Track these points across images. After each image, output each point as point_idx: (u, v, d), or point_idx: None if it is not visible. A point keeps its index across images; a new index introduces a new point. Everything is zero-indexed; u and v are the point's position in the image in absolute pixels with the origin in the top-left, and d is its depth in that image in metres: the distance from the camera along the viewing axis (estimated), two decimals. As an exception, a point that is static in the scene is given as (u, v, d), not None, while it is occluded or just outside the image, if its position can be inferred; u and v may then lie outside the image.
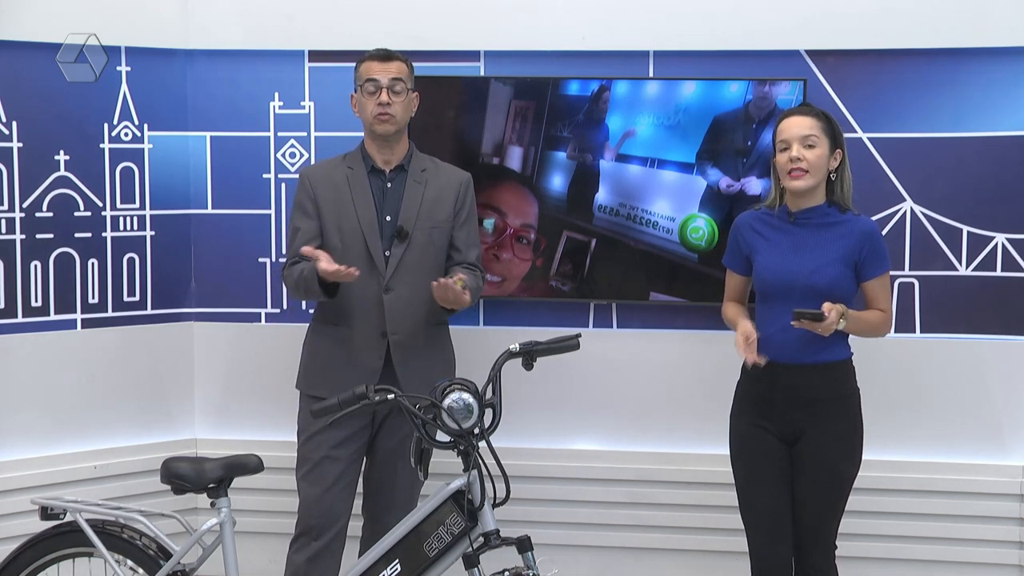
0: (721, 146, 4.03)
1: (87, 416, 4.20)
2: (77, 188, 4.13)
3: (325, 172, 3.67)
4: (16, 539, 3.50)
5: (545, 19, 4.18)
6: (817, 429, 3.31)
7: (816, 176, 3.31)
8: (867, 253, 3.31)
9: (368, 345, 3.57)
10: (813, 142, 3.30)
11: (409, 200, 3.60)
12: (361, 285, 3.51)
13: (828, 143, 3.32)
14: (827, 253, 3.31)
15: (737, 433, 3.46)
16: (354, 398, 2.88)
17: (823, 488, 3.33)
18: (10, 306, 4.04)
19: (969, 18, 3.99)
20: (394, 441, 3.60)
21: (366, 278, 3.51)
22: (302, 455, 3.62)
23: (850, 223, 3.34)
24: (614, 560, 4.25)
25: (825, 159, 3.32)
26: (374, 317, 3.57)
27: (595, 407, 4.26)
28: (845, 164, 3.37)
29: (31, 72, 4.02)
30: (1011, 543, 4.06)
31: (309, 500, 3.57)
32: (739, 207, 3.87)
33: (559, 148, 4.12)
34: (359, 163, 3.64)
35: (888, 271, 3.39)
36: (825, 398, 3.32)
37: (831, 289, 3.28)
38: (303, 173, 3.70)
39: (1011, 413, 4.09)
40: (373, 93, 3.56)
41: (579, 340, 3.15)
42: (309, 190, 3.63)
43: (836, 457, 3.32)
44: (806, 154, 3.29)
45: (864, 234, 3.32)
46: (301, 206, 3.64)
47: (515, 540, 2.88)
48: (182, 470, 3.19)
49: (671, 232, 4.09)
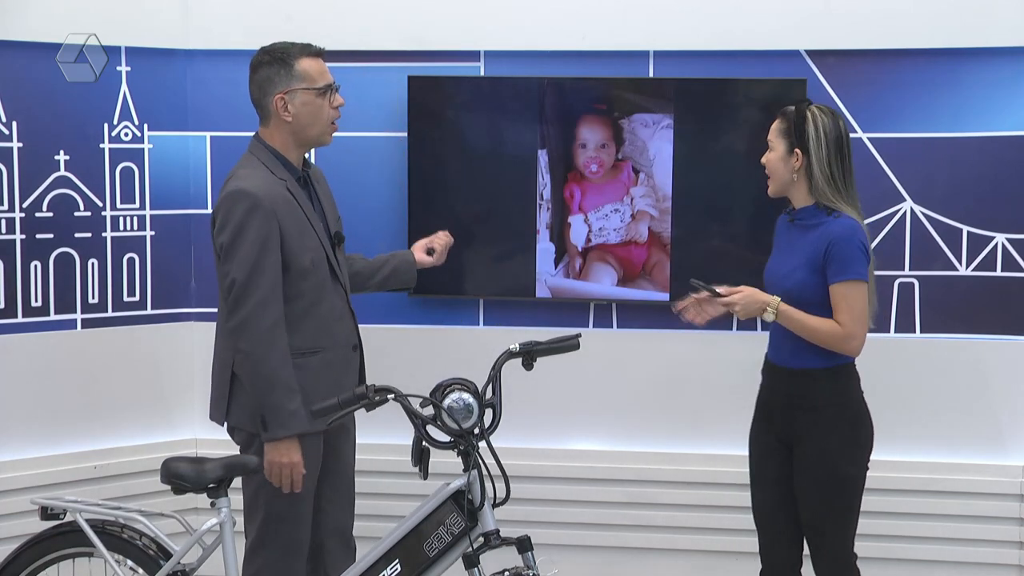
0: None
1: (87, 416, 4.20)
2: (77, 188, 4.13)
3: (273, 192, 3.18)
4: (16, 539, 3.50)
5: (545, 19, 4.18)
6: (808, 432, 3.24)
7: (776, 180, 3.25)
8: (829, 258, 3.15)
9: (346, 363, 3.33)
10: (771, 145, 3.25)
11: (327, 203, 3.40)
12: (332, 302, 3.28)
13: (785, 144, 3.21)
14: (798, 256, 3.23)
15: (750, 434, 3.44)
16: (354, 398, 2.88)
17: (815, 491, 3.25)
18: (10, 306, 4.04)
19: (969, 18, 3.99)
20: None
21: (333, 294, 3.29)
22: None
23: (825, 226, 3.18)
24: (614, 560, 4.25)
25: (781, 161, 3.22)
26: (346, 331, 3.33)
27: (595, 407, 4.26)
28: (814, 163, 3.18)
29: (31, 72, 4.02)
30: (1011, 543, 4.07)
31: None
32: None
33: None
34: (286, 173, 3.25)
35: (851, 280, 3.13)
36: (810, 405, 3.24)
37: (798, 293, 3.19)
38: (258, 199, 3.12)
39: (1011, 413, 4.09)
40: (325, 95, 3.24)
41: (579, 340, 3.15)
42: (274, 219, 3.14)
43: (822, 461, 3.23)
44: (767, 157, 3.27)
45: (831, 236, 3.15)
46: (268, 242, 3.12)
47: (515, 540, 2.88)
48: (182, 470, 3.19)
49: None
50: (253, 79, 3.27)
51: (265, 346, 3.11)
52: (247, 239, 3.12)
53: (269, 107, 3.23)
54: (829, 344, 3.17)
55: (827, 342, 3.17)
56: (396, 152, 4.19)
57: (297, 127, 3.23)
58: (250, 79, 3.29)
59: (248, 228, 3.12)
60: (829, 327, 3.15)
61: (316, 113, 3.24)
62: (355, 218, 4.26)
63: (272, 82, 3.22)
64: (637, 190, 4.14)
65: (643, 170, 4.13)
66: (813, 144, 3.17)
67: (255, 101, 3.28)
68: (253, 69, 3.28)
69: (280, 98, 3.21)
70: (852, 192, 3.23)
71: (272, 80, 3.22)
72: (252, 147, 3.30)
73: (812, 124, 3.18)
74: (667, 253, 4.14)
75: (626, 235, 4.17)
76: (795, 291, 3.19)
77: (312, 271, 3.23)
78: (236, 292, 3.13)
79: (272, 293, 3.13)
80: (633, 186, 4.14)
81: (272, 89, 3.22)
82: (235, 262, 3.13)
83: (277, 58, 3.23)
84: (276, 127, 3.25)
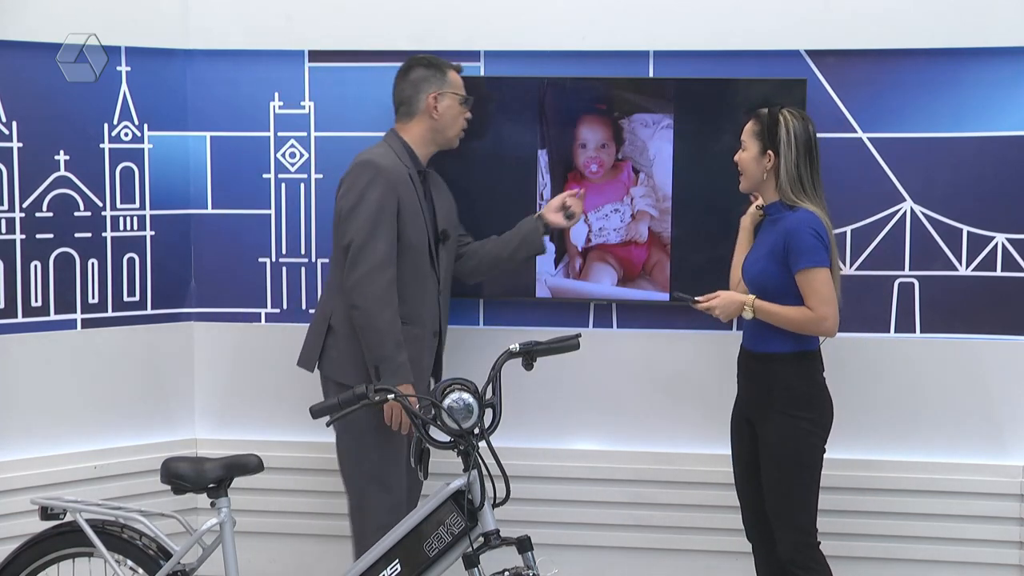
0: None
1: (87, 416, 4.19)
2: (77, 188, 4.13)
3: (398, 170, 3.63)
4: (16, 539, 3.50)
5: (545, 19, 4.17)
6: (770, 412, 3.45)
7: (748, 178, 3.51)
8: (788, 247, 3.38)
9: (427, 344, 3.72)
10: (744, 145, 3.52)
11: (440, 202, 3.81)
12: (424, 286, 3.68)
13: (758, 145, 3.46)
14: (761, 248, 3.49)
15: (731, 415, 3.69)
16: (354, 398, 2.88)
17: (775, 470, 3.45)
18: (10, 306, 4.04)
19: (969, 18, 3.99)
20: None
21: (427, 279, 3.68)
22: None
23: (785, 219, 3.43)
24: (614, 560, 4.25)
25: (754, 161, 3.48)
26: (431, 317, 3.73)
27: (595, 407, 4.26)
28: (782, 163, 3.42)
29: (31, 72, 4.02)
30: (1011, 543, 4.06)
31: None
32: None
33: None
34: (411, 163, 3.71)
35: (812, 267, 3.35)
36: (773, 387, 3.45)
37: (762, 283, 3.44)
38: (383, 170, 3.58)
39: (1011, 413, 4.09)
40: (464, 104, 3.76)
41: (579, 340, 3.15)
42: (394, 192, 3.58)
43: (782, 440, 3.43)
44: (740, 156, 3.52)
45: (788, 228, 3.40)
46: (386, 210, 3.54)
47: (515, 540, 2.89)
48: (182, 470, 3.19)
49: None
50: (406, 79, 3.74)
51: (380, 304, 3.50)
52: (369, 204, 3.54)
53: (419, 104, 3.70)
54: (806, 329, 3.40)
55: (804, 327, 3.39)
56: (396, 152, 4.19)
57: (439, 125, 3.72)
58: (400, 78, 3.76)
59: (370, 194, 3.54)
60: (801, 314, 3.38)
61: (456, 117, 3.76)
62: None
63: (428, 82, 3.71)
64: (637, 190, 4.14)
65: (643, 170, 4.13)
66: (784, 147, 3.43)
67: (403, 98, 3.73)
68: (405, 71, 3.76)
69: (433, 97, 3.69)
70: (819, 191, 3.47)
71: (428, 80, 3.71)
72: (387, 137, 3.75)
73: (784, 128, 3.44)
74: (667, 253, 4.14)
75: (626, 235, 4.17)
76: (759, 279, 3.46)
77: (414, 252, 3.62)
78: (353, 252, 3.53)
79: (387, 257, 3.53)
80: (633, 186, 4.14)
81: (427, 88, 3.70)
82: (355, 224, 3.54)
83: (433, 64, 3.74)
84: (419, 122, 3.72)
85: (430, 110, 3.70)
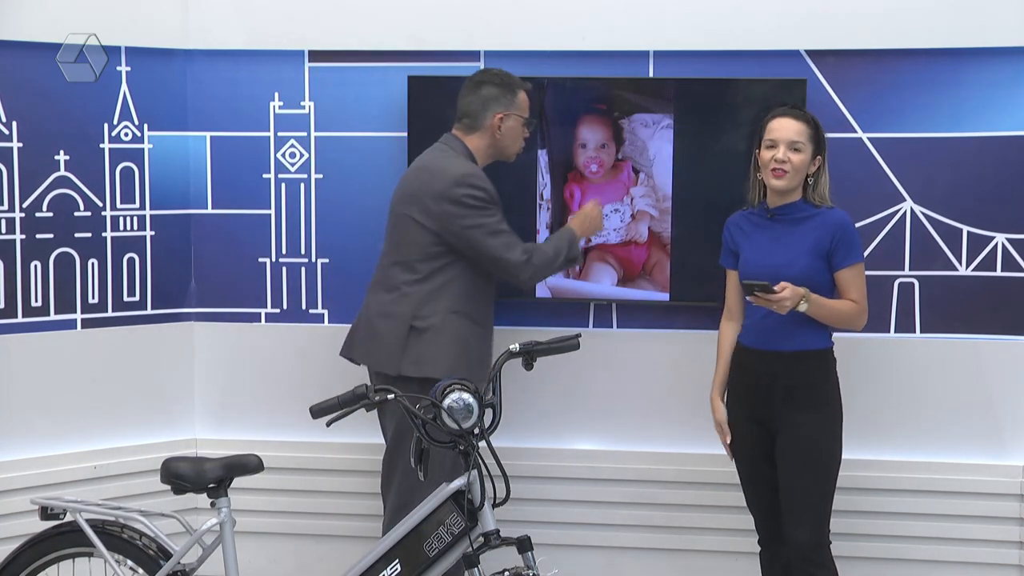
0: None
1: (87, 416, 4.20)
2: (77, 188, 4.13)
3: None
4: (16, 539, 3.50)
5: (545, 19, 4.17)
6: (793, 415, 3.42)
7: (796, 178, 3.47)
8: (836, 243, 3.43)
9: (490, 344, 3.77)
10: (799, 147, 3.46)
11: None
12: (489, 290, 3.75)
13: (812, 148, 3.47)
14: (799, 245, 3.45)
15: (727, 417, 3.63)
16: (354, 398, 2.88)
17: (803, 469, 3.42)
18: (10, 306, 4.04)
19: (969, 18, 3.99)
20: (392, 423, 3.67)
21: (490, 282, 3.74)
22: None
23: (822, 215, 3.46)
24: (614, 560, 4.25)
25: (807, 164, 3.47)
26: (492, 319, 3.81)
27: (595, 407, 4.26)
28: (823, 167, 3.50)
29: (31, 72, 4.02)
30: (1011, 543, 4.06)
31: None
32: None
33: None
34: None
35: (859, 262, 3.46)
36: (801, 384, 3.43)
37: (802, 280, 3.39)
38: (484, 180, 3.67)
39: (1011, 413, 4.09)
40: (526, 126, 3.77)
41: (579, 340, 3.15)
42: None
43: (811, 444, 3.42)
44: (791, 157, 3.44)
45: (834, 225, 3.44)
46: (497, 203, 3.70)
47: (515, 540, 2.89)
48: (182, 470, 3.19)
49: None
50: (476, 92, 3.72)
51: (536, 266, 3.66)
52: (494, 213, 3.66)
53: (485, 120, 3.71)
54: (848, 322, 3.46)
55: (847, 320, 3.46)
56: (396, 152, 4.19)
57: (501, 144, 3.74)
58: (469, 90, 3.74)
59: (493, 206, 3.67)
60: (851, 307, 3.44)
61: (517, 138, 3.77)
62: (355, 218, 4.27)
63: (497, 101, 3.71)
64: (637, 190, 4.15)
65: (643, 170, 4.13)
66: (825, 150, 3.51)
67: (469, 111, 3.72)
68: (477, 84, 3.74)
69: (500, 117, 3.70)
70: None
71: (497, 99, 3.71)
72: (449, 142, 3.74)
73: (822, 130, 3.51)
74: (667, 253, 4.14)
75: (626, 235, 4.17)
76: (806, 276, 3.41)
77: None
78: (509, 265, 3.65)
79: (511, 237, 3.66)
80: (633, 186, 4.14)
81: (495, 107, 3.70)
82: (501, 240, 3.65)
83: (505, 82, 3.73)
84: (480, 137, 3.73)
85: (494, 129, 3.71)
